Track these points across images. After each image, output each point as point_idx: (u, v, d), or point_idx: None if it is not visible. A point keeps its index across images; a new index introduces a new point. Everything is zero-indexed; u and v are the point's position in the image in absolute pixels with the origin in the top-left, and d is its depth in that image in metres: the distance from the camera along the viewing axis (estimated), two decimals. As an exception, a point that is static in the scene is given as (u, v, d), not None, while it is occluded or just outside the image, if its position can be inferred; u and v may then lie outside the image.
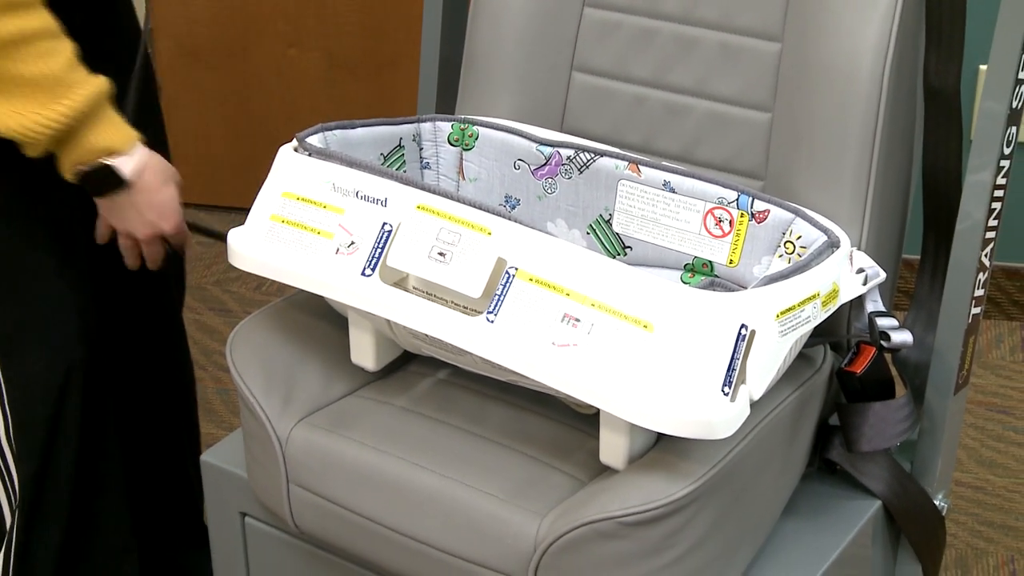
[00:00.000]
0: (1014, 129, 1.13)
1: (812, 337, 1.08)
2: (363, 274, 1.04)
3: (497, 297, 0.98)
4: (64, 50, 1.12)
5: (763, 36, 1.19)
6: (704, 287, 1.17)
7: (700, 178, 1.17)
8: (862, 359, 1.13)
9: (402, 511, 1.06)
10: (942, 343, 1.17)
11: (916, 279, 1.22)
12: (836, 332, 1.16)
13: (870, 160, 1.13)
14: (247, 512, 1.22)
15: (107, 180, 1.18)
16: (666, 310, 0.94)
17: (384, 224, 1.04)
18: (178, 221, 1.25)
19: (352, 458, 1.08)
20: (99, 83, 1.14)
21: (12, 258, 1.24)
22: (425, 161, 1.27)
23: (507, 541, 1.01)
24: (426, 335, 1.03)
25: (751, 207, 1.15)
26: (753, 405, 0.97)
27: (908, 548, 1.23)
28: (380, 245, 1.04)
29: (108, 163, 1.17)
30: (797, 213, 1.13)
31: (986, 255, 1.16)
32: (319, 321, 1.18)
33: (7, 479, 1.27)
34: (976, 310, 1.18)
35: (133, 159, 1.18)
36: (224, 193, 2.51)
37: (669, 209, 1.19)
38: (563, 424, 1.11)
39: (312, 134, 1.15)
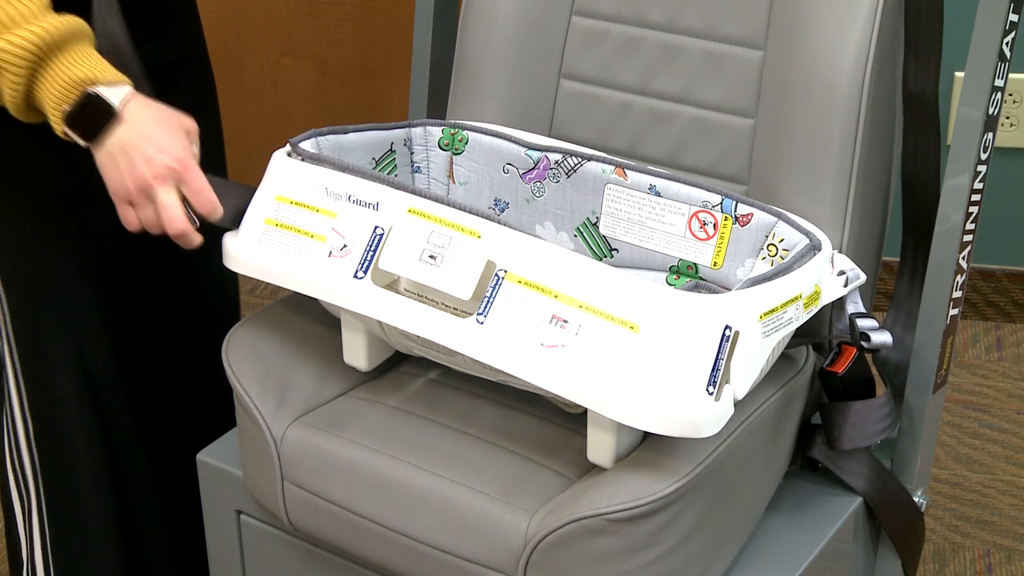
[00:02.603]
0: (991, 135, 1.14)
1: (795, 338, 1.10)
2: (355, 276, 1.05)
3: (487, 299, 1.00)
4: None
5: (746, 44, 1.20)
6: (689, 289, 1.18)
7: (685, 182, 1.19)
8: (843, 359, 1.14)
9: (395, 509, 1.07)
10: (921, 343, 1.19)
11: (896, 281, 1.23)
12: (818, 333, 1.18)
13: (851, 165, 1.15)
14: (242, 510, 1.23)
15: (95, 113, 1.07)
16: (652, 312, 0.96)
17: (376, 227, 1.06)
18: (186, 173, 1.09)
19: (346, 457, 1.10)
20: (75, 20, 1.07)
21: (35, 257, 1.22)
22: (416, 165, 1.29)
23: (498, 538, 1.02)
24: (417, 336, 1.05)
25: (735, 211, 1.17)
26: (737, 404, 0.99)
27: (888, 543, 1.24)
28: (372, 248, 1.05)
29: (92, 91, 1.07)
30: (780, 216, 1.14)
31: (963, 257, 1.17)
32: (312, 323, 1.19)
33: (26, 485, 1.27)
34: (954, 311, 1.19)
35: (121, 91, 1.08)
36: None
37: (655, 212, 1.21)
38: (552, 423, 1.13)
39: (305, 139, 1.16)
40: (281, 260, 1.08)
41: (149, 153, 1.08)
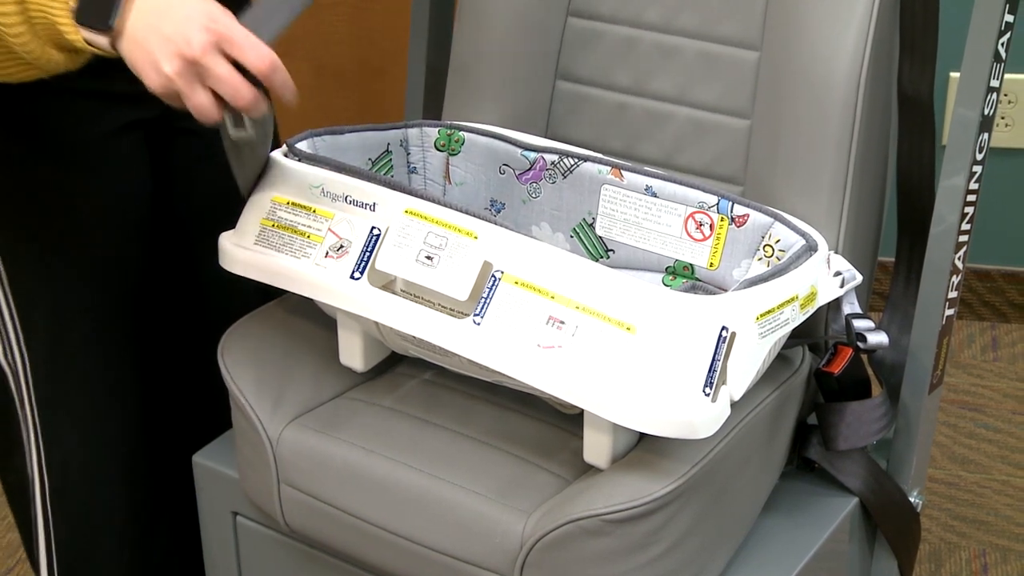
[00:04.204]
0: (986, 135, 1.14)
1: (791, 339, 1.10)
2: (352, 277, 1.05)
3: (483, 300, 1.00)
4: None
5: (742, 45, 1.21)
6: (685, 290, 1.19)
7: (681, 183, 1.19)
8: (839, 360, 1.14)
9: (391, 510, 1.07)
10: (917, 344, 1.19)
11: (891, 281, 1.24)
12: (814, 334, 1.18)
13: (846, 165, 1.15)
14: (238, 511, 1.23)
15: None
16: (648, 313, 0.96)
17: (372, 228, 1.06)
18: (226, 31, 0.94)
19: (342, 458, 1.10)
20: None
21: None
22: (412, 166, 1.29)
23: (494, 539, 1.03)
24: (414, 337, 1.05)
25: (731, 211, 1.17)
26: (733, 405, 0.99)
27: (884, 543, 1.24)
28: (368, 249, 1.05)
29: None
30: (776, 217, 1.14)
31: (959, 258, 1.18)
32: (309, 324, 1.19)
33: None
34: (949, 311, 1.19)
35: None
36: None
37: (651, 213, 1.21)
38: (548, 424, 1.13)
39: (302, 140, 1.16)
40: (277, 260, 1.08)
41: (180, 20, 0.94)
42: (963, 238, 1.17)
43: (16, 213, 1.19)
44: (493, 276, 1.00)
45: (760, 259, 1.15)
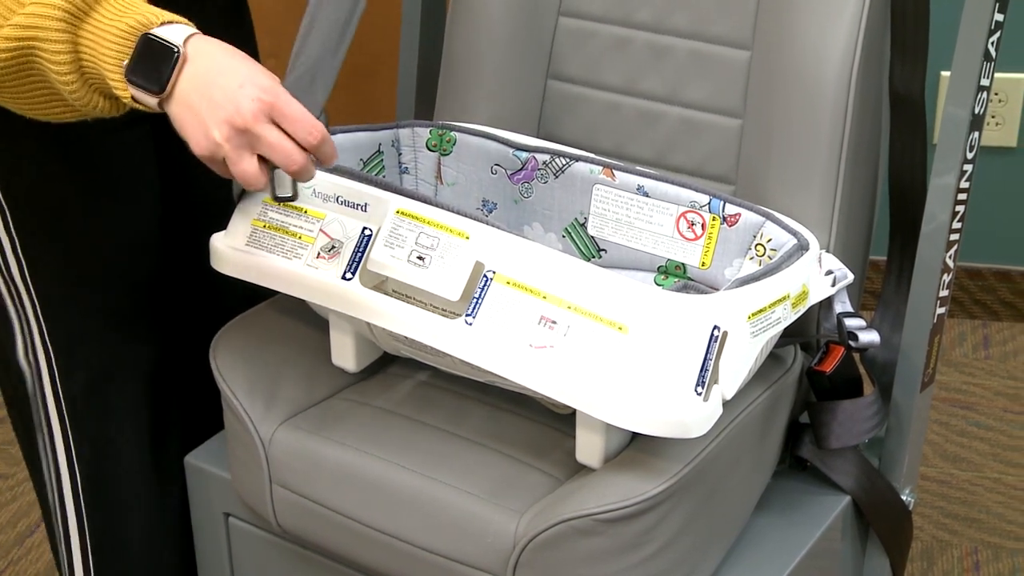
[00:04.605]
0: (976, 134, 1.15)
1: (782, 337, 1.10)
2: (343, 278, 1.05)
3: (475, 300, 1.00)
4: None
5: (733, 44, 1.21)
6: (677, 289, 1.19)
7: (673, 182, 1.19)
8: (831, 359, 1.15)
9: (384, 510, 1.07)
10: (908, 342, 1.19)
11: (883, 280, 1.24)
12: (806, 332, 1.18)
13: (838, 165, 1.15)
14: (231, 512, 1.23)
15: (158, 57, 0.94)
16: (640, 312, 0.96)
17: (364, 229, 1.06)
18: (278, 103, 0.94)
19: (334, 459, 1.10)
20: None
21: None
22: (404, 166, 1.29)
23: (487, 539, 1.03)
24: (406, 337, 1.05)
25: (723, 211, 1.17)
26: (725, 404, 0.99)
27: (876, 541, 1.25)
28: (360, 249, 1.05)
29: (149, 34, 0.95)
30: (767, 216, 1.15)
31: (950, 256, 1.18)
32: (301, 325, 1.19)
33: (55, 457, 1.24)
34: (941, 310, 1.19)
35: (179, 29, 0.96)
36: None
37: (643, 213, 1.21)
38: (540, 424, 1.13)
39: (293, 140, 1.16)
40: (269, 261, 1.08)
41: (231, 88, 0.94)
42: (954, 236, 1.17)
43: (33, 214, 1.19)
44: (485, 276, 1.00)
45: (752, 258, 1.15)
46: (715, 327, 0.97)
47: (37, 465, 1.27)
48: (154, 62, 0.95)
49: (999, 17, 1.10)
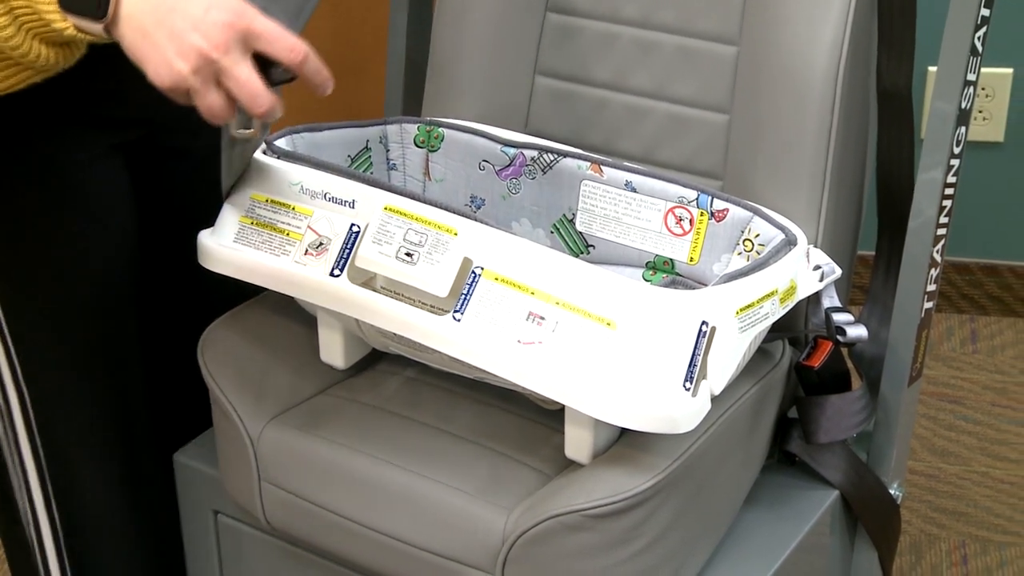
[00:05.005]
0: (963, 129, 1.15)
1: (771, 332, 1.10)
2: (332, 274, 1.05)
3: (463, 296, 1.00)
4: None
5: (720, 40, 1.21)
6: (665, 285, 1.19)
7: (661, 178, 1.19)
8: (819, 353, 1.15)
9: (373, 507, 1.07)
10: (896, 337, 1.19)
11: (871, 275, 1.24)
12: (794, 327, 1.18)
13: (825, 160, 1.15)
14: (219, 510, 1.22)
15: None
16: (629, 308, 0.96)
17: (352, 225, 1.05)
18: (252, 24, 0.84)
19: (323, 456, 1.10)
20: None
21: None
22: (392, 162, 1.29)
23: (476, 535, 1.03)
24: (394, 334, 1.05)
25: (711, 206, 1.17)
26: (714, 400, 0.99)
27: (865, 536, 1.25)
28: (348, 246, 1.05)
29: None
30: (755, 212, 1.15)
31: (938, 251, 1.18)
32: (289, 321, 1.19)
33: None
34: (928, 304, 1.20)
35: None
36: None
37: (631, 208, 1.21)
38: (529, 420, 1.13)
39: (280, 137, 1.15)
40: (257, 258, 1.08)
41: (195, 13, 0.83)
42: (941, 231, 1.17)
43: (4, 240, 1.17)
44: (473, 272, 1.00)
45: (740, 253, 1.16)
46: (703, 322, 0.97)
47: (6, 479, 1.25)
48: None
49: (985, 12, 1.11)
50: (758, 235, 1.14)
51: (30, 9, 0.88)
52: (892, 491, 1.25)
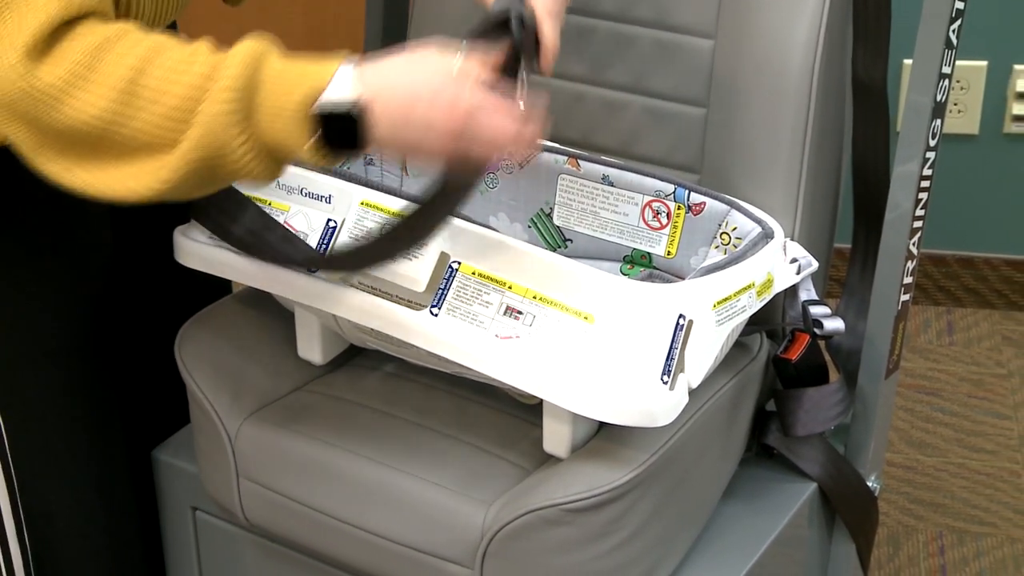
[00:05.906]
0: (939, 121, 1.15)
1: (748, 326, 1.11)
2: (309, 270, 1.05)
3: (440, 291, 1.00)
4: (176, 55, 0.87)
5: (697, 33, 1.21)
6: (643, 279, 1.19)
7: (638, 172, 1.19)
8: (797, 346, 1.15)
9: (351, 503, 1.07)
10: (873, 329, 1.20)
11: (847, 268, 1.24)
12: (771, 320, 1.18)
13: (801, 153, 1.15)
14: (198, 506, 1.22)
15: (339, 121, 0.87)
16: (606, 302, 0.96)
17: (329, 221, 1.05)
18: (470, 108, 0.87)
19: (301, 451, 1.09)
20: (249, 46, 0.88)
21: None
22: (369, 157, 1.28)
23: (455, 530, 1.03)
24: (371, 329, 1.05)
25: (688, 200, 1.17)
26: (692, 393, 1.00)
27: (843, 528, 1.25)
28: (325, 241, 1.05)
29: (319, 108, 0.87)
30: (732, 205, 1.15)
31: (914, 243, 1.18)
32: (266, 317, 1.19)
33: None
34: (905, 297, 1.20)
35: (341, 74, 0.87)
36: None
37: (608, 202, 1.21)
38: (508, 414, 1.13)
39: (256, 133, 1.15)
40: (234, 254, 1.07)
41: (425, 113, 0.87)
42: (917, 224, 1.18)
43: None
44: (450, 267, 1.00)
45: (717, 247, 1.16)
46: (681, 316, 0.97)
47: None
48: (340, 133, 0.88)
49: (960, 5, 1.11)
50: (735, 228, 1.14)
51: (282, 149, 0.90)
52: (870, 483, 1.25)
